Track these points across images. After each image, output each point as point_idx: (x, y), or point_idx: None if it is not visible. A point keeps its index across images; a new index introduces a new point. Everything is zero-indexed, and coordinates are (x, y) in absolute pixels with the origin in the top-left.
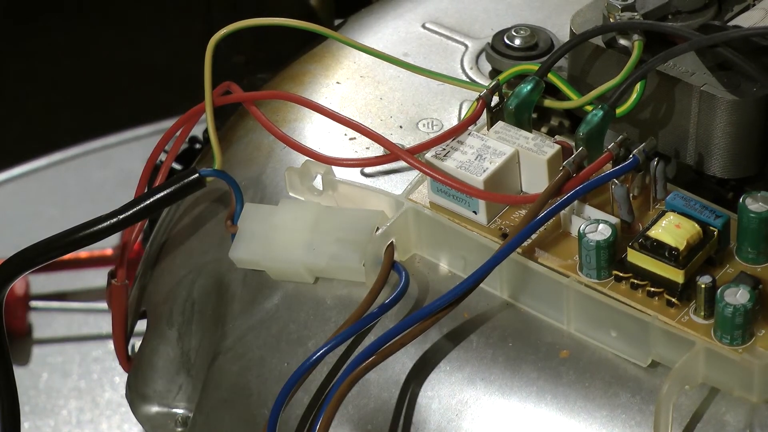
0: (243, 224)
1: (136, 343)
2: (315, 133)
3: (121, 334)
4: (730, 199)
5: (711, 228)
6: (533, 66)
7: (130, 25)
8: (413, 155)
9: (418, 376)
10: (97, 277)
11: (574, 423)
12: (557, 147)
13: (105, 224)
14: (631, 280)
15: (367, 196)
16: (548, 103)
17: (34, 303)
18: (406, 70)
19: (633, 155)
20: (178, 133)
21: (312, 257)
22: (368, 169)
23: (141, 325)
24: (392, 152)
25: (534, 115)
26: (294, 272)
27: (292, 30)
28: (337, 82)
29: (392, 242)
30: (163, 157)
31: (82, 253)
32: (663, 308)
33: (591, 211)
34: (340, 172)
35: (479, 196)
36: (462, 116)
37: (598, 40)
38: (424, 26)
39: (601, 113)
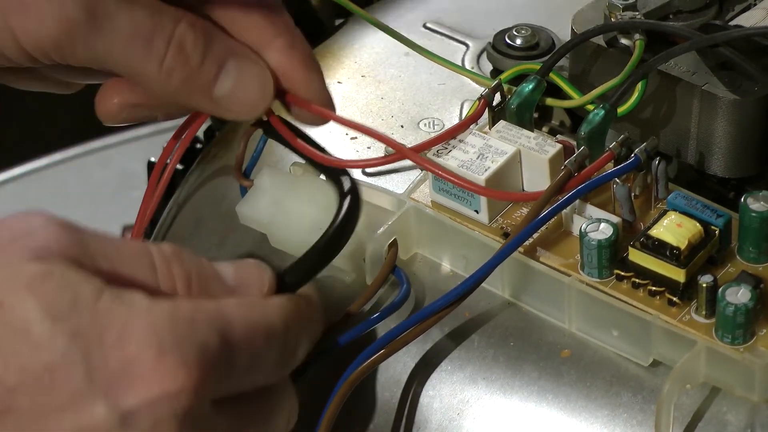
0: (260, 182)
1: None
2: (316, 132)
3: None
4: (731, 198)
5: (712, 227)
6: (535, 65)
7: None
8: (417, 153)
9: (419, 375)
10: None
11: (575, 422)
12: (559, 146)
13: None
14: (633, 279)
15: (369, 194)
16: (550, 102)
17: None
18: (426, 57)
19: (634, 154)
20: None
21: (316, 238)
22: (370, 168)
23: None
24: (397, 150)
25: (535, 115)
26: (294, 245)
27: None
28: (339, 82)
29: (396, 247)
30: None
31: None
32: (664, 307)
33: (592, 211)
34: None
35: (483, 192)
36: (463, 116)
37: (600, 40)
38: (425, 26)
39: (602, 113)
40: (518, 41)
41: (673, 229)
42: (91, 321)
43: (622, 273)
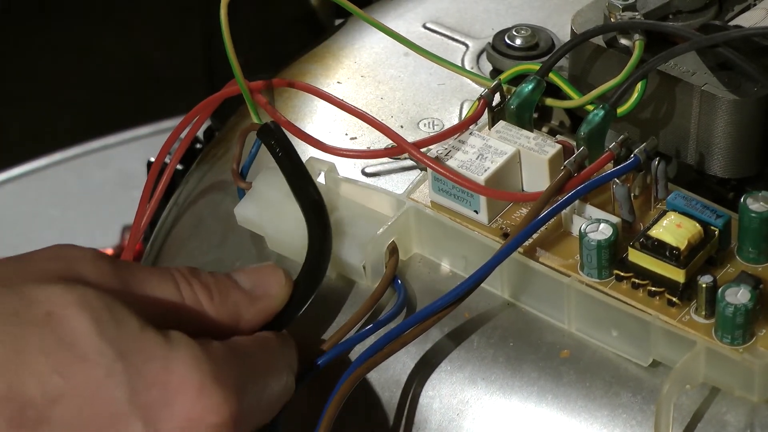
0: (258, 185)
1: None
2: (316, 132)
3: None
4: (730, 198)
5: (712, 228)
6: (534, 66)
7: (130, 25)
8: (419, 149)
9: (419, 375)
10: None
11: (575, 423)
12: (558, 146)
13: None
14: (632, 279)
15: (369, 194)
16: (549, 102)
17: None
18: (427, 58)
19: (634, 155)
20: (182, 134)
21: None
22: (369, 169)
23: None
24: (397, 143)
25: (535, 115)
26: (293, 249)
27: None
28: (338, 82)
29: (397, 256)
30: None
31: None
32: (664, 308)
33: (592, 211)
34: (342, 169)
35: (482, 191)
36: (463, 116)
37: (599, 40)
38: (424, 26)
39: (602, 113)
40: (518, 41)
41: (673, 229)
42: (137, 347)
43: (622, 273)
